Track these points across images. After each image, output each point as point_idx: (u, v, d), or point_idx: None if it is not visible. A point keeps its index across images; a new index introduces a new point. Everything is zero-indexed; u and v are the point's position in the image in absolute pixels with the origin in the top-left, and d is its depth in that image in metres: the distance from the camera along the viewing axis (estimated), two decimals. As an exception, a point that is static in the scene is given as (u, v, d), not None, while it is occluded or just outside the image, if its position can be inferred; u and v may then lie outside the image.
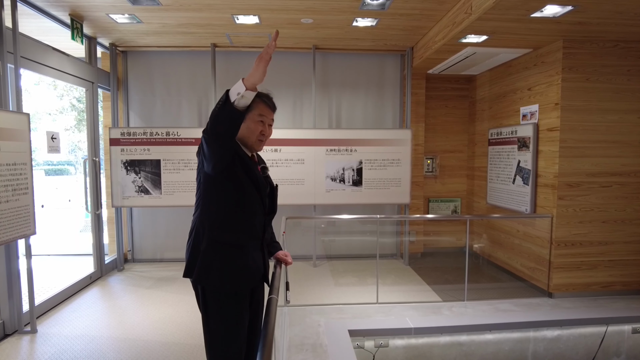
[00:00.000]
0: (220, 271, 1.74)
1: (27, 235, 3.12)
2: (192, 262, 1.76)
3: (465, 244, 4.02)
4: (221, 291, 1.76)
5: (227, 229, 1.76)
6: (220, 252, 1.75)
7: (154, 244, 5.30)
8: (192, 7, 3.72)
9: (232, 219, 1.77)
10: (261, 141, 1.85)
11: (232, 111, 1.51)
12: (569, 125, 3.79)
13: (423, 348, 3.24)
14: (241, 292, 1.80)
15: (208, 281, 1.74)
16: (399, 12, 3.81)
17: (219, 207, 1.76)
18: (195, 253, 1.77)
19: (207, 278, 1.73)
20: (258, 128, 1.80)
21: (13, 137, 2.95)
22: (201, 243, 1.75)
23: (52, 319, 3.52)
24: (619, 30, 3.54)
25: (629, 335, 3.47)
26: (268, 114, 1.84)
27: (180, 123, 5.20)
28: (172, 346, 3.05)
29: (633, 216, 3.93)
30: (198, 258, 1.75)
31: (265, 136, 1.84)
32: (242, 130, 1.78)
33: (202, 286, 1.77)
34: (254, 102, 1.76)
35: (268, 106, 1.84)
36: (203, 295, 1.78)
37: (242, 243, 1.79)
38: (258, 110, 1.80)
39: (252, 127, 1.79)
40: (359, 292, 4.11)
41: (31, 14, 3.75)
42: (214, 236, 1.75)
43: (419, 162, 5.44)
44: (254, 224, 1.84)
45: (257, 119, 1.80)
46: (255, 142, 1.83)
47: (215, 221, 1.76)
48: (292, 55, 5.18)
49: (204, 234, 1.76)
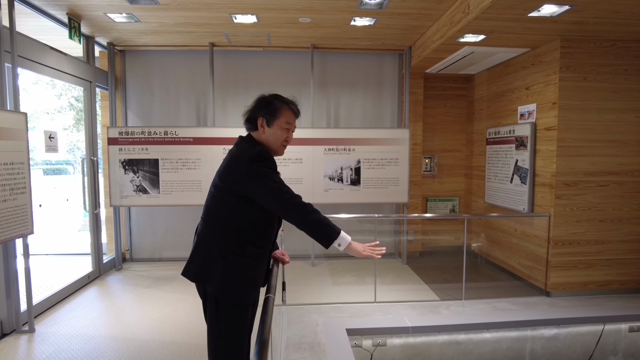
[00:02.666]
0: (240, 284, 1.75)
1: (25, 235, 3.12)
2: (207, 269, 1.76)
3: (463, 243, 4.03)
4: (236, 301, 1.77)
5: (252, 244, 1.78)
6: (242, 266, 1.76)
7: (152, 243, 5.30)
8: (190, 7, 3.71)
9: (259, 235, 1.82)
10: (284, 146, 1.91)
11: (324, 241, 1.77)
12: (566, 125, 3.80)
13: (421, 347, 3.25)
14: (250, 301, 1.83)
15: (227, 292, 1.74)
16: (397, 12, 3.81)
17: (248, 224, 1.78)
18: (212, 261, 1.75)
19: (227, 290, 1.74)
20: (284, 135, 1.86)
21: (10, 136, 2.94)
22: (222, 253, 1.75)
23: (50, 318, 3.52)
24: (616, 30, 3.54)
25: (626, 333, 3.48)
26: (293, 121, 1.89)
27: (179, 122, 5.19)
28: (170, 345, 3.05)
29: (630, 215, 3.94)
30: (218, 268, 1.74)
31: (288, 142, 1.91)
32: (269, 137, 1.84)
33: (217, 296, 1.76)
34: (281, 109, 1.85)
35: (294, 113, 1.89)
36: (216, 304, 1.76)
37: (261, 256, 1.84)
38: (285, 118, 1.84)
39: (278, 134, 1.84)
40: (357, 291, 4.12)
41: (29, 13, 3.74)
42: (239, 249, 1.76)
43: (417, 161, 5.45)
44: (272, 236, 1.90)
45: (284, 127, 1.85)
46: (279, 147, 1.89)
47: (242, 236, 1.77)
48: (290, 54, 5.18)
49: (227, 245, 1.75)
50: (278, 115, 1.83)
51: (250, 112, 1.87)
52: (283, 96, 1.90)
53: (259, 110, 1.85)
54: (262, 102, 1.87)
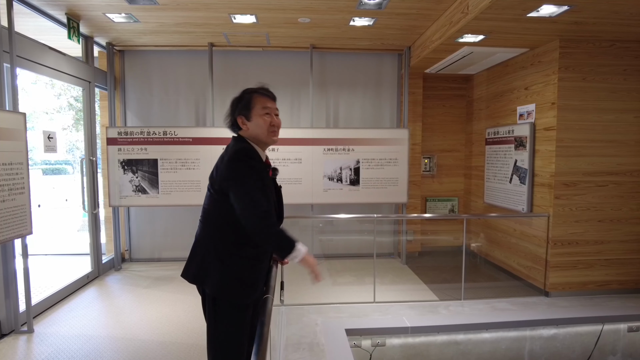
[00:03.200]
0: (238, 285, 1.75)
1: (24, 235, 3.11)
2: (205, 270, 1.75)
3: (463, 243, 4.03)
4: (235, 302, 1.76)
5: (249, 244, 1.76)
6: (241, 267, 1.75)
7: (151, 243, 5.29)
8: (189, 7, 3.71)
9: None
10: (274, 132, 1.83)
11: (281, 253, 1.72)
12: (565, 125, 3.80)
13: (420, 347, 3.25)
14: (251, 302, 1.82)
15: (226, 293, 1.74)
16: (396, 12, 3.81)
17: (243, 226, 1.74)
18: (209, 262, 1.75)
19: (226, 291, 1.74)
20: (267, 121, 1.80)
21: (9, 136, 2.94)
22: (219, 254, 1.74)
23: (49, 318, 3.51)
24: (615, 30, 3.55)
25: (625, 333, 3.48)
26: (270, 104, 1.83)
27: (178, 122, 5.19)
28: (169, 345, 3.05)
29: (629, 215, 3.95)
30: (215, 269, 1.73)
31: (275, 126, 1.84)
32: (254, 130, 1.80)
33: (215, 297, 1.76)
34: (252, 98, 1.80)
35: (267, 97, 1.83)
36: (214, 305, 1.76)
37: (260, 257, 1.82)
38: (260, 104, 1.80)
39: (260, 122, 1.79)
40: (356, 292, 4.12)
41: (27, 13, 3.73)
42: (236, 250, 1.75)
43: (417, 161, 5.45)
44: None
45: (262, 113, 1.79)
46: (267, 135, 1.81)
47: (238, 236, 1.75)
48: (290, 54, 5.18)
49: (224, 246, 1.75)
50: (252, 106, 1.79)
51: (229, 117, 1.87)
52: (252, 87, 1.87)
53: (234, 111, 1.85)
54: (234, 102, 1.86)
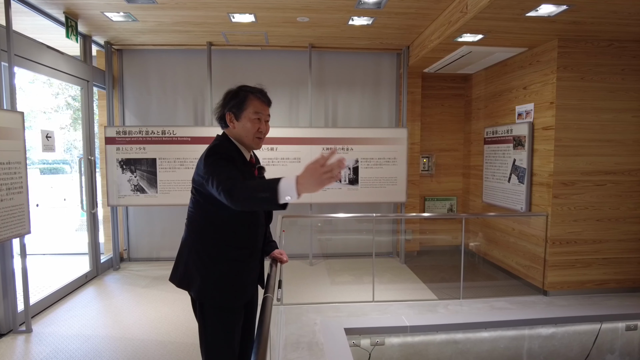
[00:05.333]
0: (222, 288, 1.70)
1: (22, 235, 3.11)
2: (189, 275, 1.73)
3: (461, 243, 4.04)
4: (221, 305, 1.73)
5: (231, 246, 1.71)
6: (223, 269, 1.71)
7: (150, 243, 5.29)
8: (187, 6, 3.70)
9: (237, 236, 1.73)
10: (259, 139, 1.77)
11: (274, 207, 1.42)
12: (563, 124, 3.81)
13: (419, 346, 3.26)
14: (240, 305, 1.78)
15: (210, 297, 1.71)
16: (395, 11, 3.81)
17: (222, 226, 1.70)
18: (193, 267, 1.72)
19: (210, 295, 1.70)
20: (255, 126, 1.72)
21: (7, 135, 2.93)
22: (202, 258, 1.71)
23: (48, 318, 3.51)
24: (613, 30, 3.55)
25: (623, 332, 3.50)
26: (264, 110, 1.74)
27: (176, 122, 5.18)
28: (168, 345, 3.04)
29: (627, 214, 3.96)
30: (199, 273, 1.70)
31: (263, 133, 1.76)
32: (239, 130, 1.73)
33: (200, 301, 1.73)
34: (247, 99, 1.71)
35: (263, 102, 1.74)
36: (201, 308, 1.74)
37: (245, 258, 1.76)
38: (253, 108, 1.71)
39: (248, 126, 1.71)
40: (355, 291, 4.12)
41: (25, 12, 3.72)
42: (217, 253, 1.70)
43: (415, 160, 5.45)
44: (257, 237, 1.81)
45: (253, 117, 1.71)
46: (253, 140, 1.75)
47: (219, 239, 1.70)
48: (288, 53, 5.17)
49: (205, 250, 1.70)
50: (245, 107, 1.70)
51: (219, 109, 1.76)
52: (250, 85, 1.76)
53: (225, 105, 1.74)
54: (228, 96, 1.75)
